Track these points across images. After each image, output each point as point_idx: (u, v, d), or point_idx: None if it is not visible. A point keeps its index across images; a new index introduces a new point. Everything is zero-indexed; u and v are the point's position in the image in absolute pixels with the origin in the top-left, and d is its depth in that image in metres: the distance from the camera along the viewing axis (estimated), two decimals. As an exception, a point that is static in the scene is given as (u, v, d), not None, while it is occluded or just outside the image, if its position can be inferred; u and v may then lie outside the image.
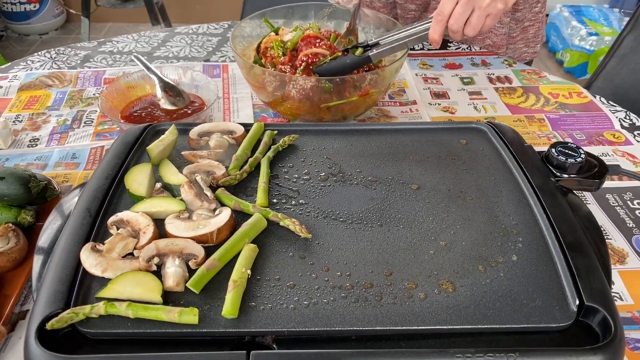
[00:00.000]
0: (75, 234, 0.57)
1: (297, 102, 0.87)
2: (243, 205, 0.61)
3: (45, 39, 3.46)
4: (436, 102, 1.02)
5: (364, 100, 0.88)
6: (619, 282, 0.65)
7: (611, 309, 0.50)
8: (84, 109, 0.98)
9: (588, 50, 3.02)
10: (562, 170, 0.67)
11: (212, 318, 0.49)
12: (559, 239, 0.57)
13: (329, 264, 0.55)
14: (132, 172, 0.64)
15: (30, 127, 0.93)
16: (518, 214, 0.62)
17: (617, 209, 0.77)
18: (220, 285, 0.52)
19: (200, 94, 0.98)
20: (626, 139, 0.92)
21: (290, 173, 0.68)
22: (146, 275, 0.52)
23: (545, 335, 0.50)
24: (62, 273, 0.52)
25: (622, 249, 0.70)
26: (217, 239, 0.56)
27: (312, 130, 0.75)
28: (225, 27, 1.31)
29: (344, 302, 0.51)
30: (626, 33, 1.42)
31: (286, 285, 0.53)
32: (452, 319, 0.50)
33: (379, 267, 0.55)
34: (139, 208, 0.60)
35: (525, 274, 0.54)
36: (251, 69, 0.88)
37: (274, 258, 0.56)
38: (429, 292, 0.52)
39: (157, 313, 0.48)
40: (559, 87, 1.07)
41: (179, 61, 1.15)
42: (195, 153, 0.68)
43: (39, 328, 0.48)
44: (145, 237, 0.56)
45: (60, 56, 1.16)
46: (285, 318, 0.50)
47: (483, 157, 0.71)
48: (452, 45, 1.24)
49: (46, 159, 0.85)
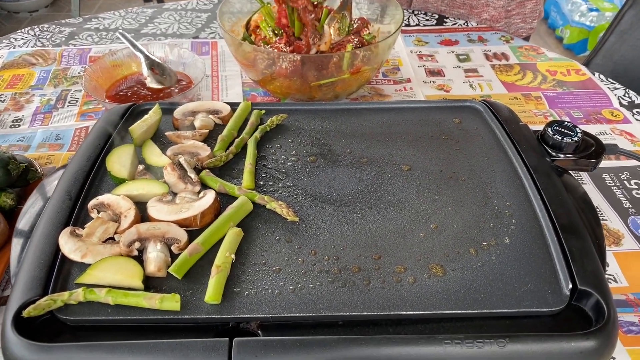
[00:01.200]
0: (54, 218, 0.55)
1: (287, 80, 0.85)
2: (228, 188, 0.59)
3: (35, 16, 3.39)
4: (431, 80, 0.99)
5: (356, 78, 0.86)
6: (613, 264, 0.64)
7: (605, 293, 0.49)
8: (68, 88, 0.95)
9: (588, 26, 2.97)
10: (558, 150, 0.65)
11: (195, 304, 0.48)
12: (553, 220, 0.56)
13: (316, 248, 0.54)
14: (114, 153, 0.62)
15: (13, 107, 0.90)
16: (511, 195, 0.60)
17: (614, 189, 0.75)
18: (204, 270, 0.51)
19: (188, 72, 0.95)
20: (625, 117, 0.90)
21: (278, 154, 0.66)
22: (127, 261, 0.50)
23: (537, 319, 0.49)
24: (41, 259, 0.51)
25: (618, 230, 0.69)
26: (201, 222, 0.54)
27: (301, 109, 0.73)
28: (215, 3, 1.27)
29: (331, 287, 0.50)
30: (627, 9, 1.38)
31: (272, 269, 0.51)
32: (442, 304, 0.49)
33: (368, 250, 0.54)
34: (120, 191, 0.58)
35: (518, 257, 0.53)
36: (240, 47, 0.86)
37: (260, 242, 0.54)
38: (419, 276, 0.51)
39: (137, 300, 0.47)
40: (556, 64, 1.04)
41: (167, 38, 1.12)
42: (179, 134, 0.66)
43: (16, 316, 0.46)
44: (126, 221, 0.54)
45: (44, 33, 1.12)
46: (271, 303, 0.48)
47: (477, 137, 0.69)
48: (449, 20, 1.21)
49: (29, 140, 0.83)
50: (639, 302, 0.60)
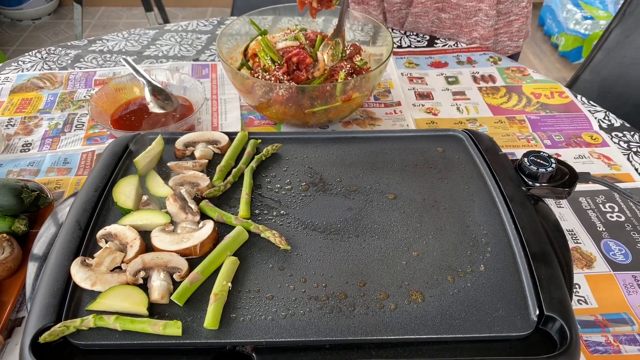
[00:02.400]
0: (65, 247, 0.60)
1: (282, 106, 0.89)
2: (226, 217, 0.64)
3: (38, 24, 3.44)
4: (420, 104, 1.04)
5: (348, 105, 0.90)
6: (585, 286, 0.69)
7: (568, 318, 0.53)
8: (74, 112, 1.00)
9: (583, 34, 3.02)
10: (533, 179, 0.70)
11: (195, 329, 0.53)
12: (525, 249, 0.60)
13: (306, 275, 0.58)
14: (120, 184, 0.67)
15: (22, 131, 0.95)
16: (488, 224, 0.65)
17: (589, 212, 0.80)
18: (203, 297, 0.55)
19: (189, 96, 1.00)
20: (603, 140, 0.94)
21: (273, 183, 0.71)
22: (133, 289, 0.55)
23: (507, 343, 0.53)
24: (54, 286, 0.56)
25: (591, 253, 0.73)
26: (201, 251, 0.59)
27: (294, 138, 0.78)
28: (214, 24, 1.32)
29: (319, 313, 0.55)
30: (613, 26, 1.43)
31: (265, 296, 0.56)
32: (420, 329, 0.53)
33: (354, 277, 0.58)
34: (126, 221, 0.62)
35: (491, 284, 0.58)
36: (236, 75, 0.90)
37: (255, 270, 0.59)
38: (400, 302, 0.56)
39: (143, 326, 0.52)
40: (541, 86, 1.09)
41: (168, 60, 1.17)
42: (180, 164, 0.71)
43: (33, 340, 0.51)
44: (132, 251, 0.59)
45: (51, 56, 1.17)
46: (264, 329, 0.53)
47: (458, 166, 0.73)
48: (439, 42, 1.26)
49: (39, 164, 0.88)
50: (607, 323, 0.64)
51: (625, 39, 1.44)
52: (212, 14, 3.63)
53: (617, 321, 0.64)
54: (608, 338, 0.62)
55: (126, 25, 3.50)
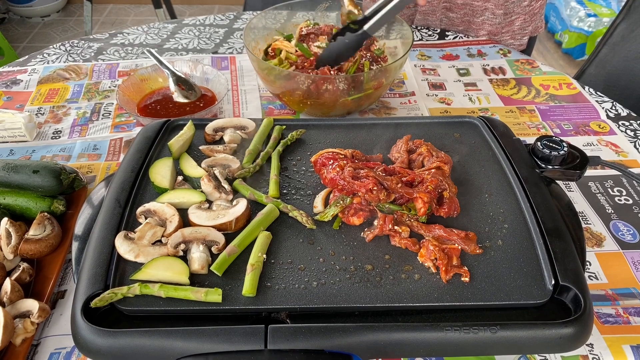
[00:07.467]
0: (107, 222, 0.64)
1: (302, 95, 0.93)
2: (257, 196, 0.67)
3: (47, 21, 3.48)
4: (433, 94, 1.07)
5: (379, 91, 0.93)
6: (595, 263, 0.73)
7: (582, 288, 0.57)
8: (101, 102, 1.04)
9: (586, 31, 3.05)
10: (546, 162, 0.73)
11: (234, 297, 0.57)
12: (540, 225, 0.64)
13: (334, 249, 0.62)
14: (156, 165, 0.70)
15: (52, 119, 0.99)
16: (505, 203, 0.68)
17: (598, 196, 0.83)
18: (240, 268, 0.59)
19: (211, 86, 1.04)
20: (611, 129, 0.98)
21: (298, 166, 0.74)
22: (174, 260, 0.59)
23: (525, 310, 0.57)
24: (100, 258, 0.60)
25: (600, 233, 0.77)
26: (236, 226, 0.63)
27: (317, 124, 0.82)
28: (231, 18, 1.36)
29: (349, 283, 0.58)
30: (619, 21, 1.46)
31: (297, 267, 0.60)
32: (443, 297, 0.57)
33: (379, 251, 0.62)
34: (164, 199, 0.66)
35: (509, 257, 0.61)
36: (265, 67, 0.93)
37: (286, 244, 0.63)
38: (423, 273, 0.60)
39: (186, 293, 0.56)
40: (550, 77, 1.13)
41: (188, 53, 1.20)
42: (212, 148, 0.74)
43: (84, 306, 0.55)
44: (171, 226, 0.62)
45: (74, 49, 1.21)
46: (297, 296, 0.57)
47: (475, 150, 0.77)
48: (450, 34, 1.29)
49: (70, 151, 0.91)
50: (617, 297, 0.68)
51: (630, 34, 1.47)
52: (219, 11, 3.67)
53: (626, 295, 0.68)
54: (618, 310, 0.66)
55: (134, 22, 3.53)
